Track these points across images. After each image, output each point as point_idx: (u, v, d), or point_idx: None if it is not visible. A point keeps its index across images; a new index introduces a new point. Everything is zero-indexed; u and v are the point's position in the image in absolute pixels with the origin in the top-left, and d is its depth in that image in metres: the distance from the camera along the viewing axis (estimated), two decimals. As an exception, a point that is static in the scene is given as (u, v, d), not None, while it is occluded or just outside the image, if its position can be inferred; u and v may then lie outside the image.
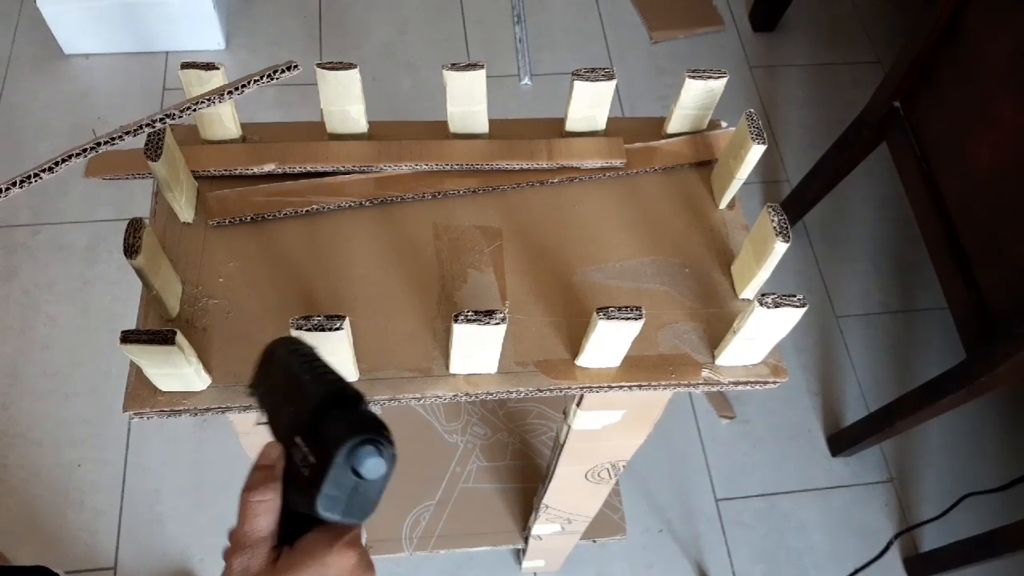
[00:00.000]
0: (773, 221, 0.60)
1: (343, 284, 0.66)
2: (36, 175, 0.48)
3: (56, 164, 0.48)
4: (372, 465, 0.45)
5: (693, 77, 0.70)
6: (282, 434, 0.49)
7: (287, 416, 0.49)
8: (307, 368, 0.49)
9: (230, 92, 0.53)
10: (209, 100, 0.53)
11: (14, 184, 0.48)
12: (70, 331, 1.53)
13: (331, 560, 0.46)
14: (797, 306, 0.57)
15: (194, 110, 0.53)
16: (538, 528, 1.14)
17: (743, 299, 0.68)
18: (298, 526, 0.48)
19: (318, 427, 0.46)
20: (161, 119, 0.51)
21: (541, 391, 0.64)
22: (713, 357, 0.66)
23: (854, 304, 1.69)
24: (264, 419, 0.52)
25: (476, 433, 1.30)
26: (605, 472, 0.92)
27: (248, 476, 0.48)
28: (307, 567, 0.46)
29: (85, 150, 0.49)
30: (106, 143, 0.50)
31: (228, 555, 0.47)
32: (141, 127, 0.51)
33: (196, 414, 0.61)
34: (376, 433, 0.45)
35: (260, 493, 0.47)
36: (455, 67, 0.66)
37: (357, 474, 0.45)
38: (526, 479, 1.27)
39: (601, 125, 0.74)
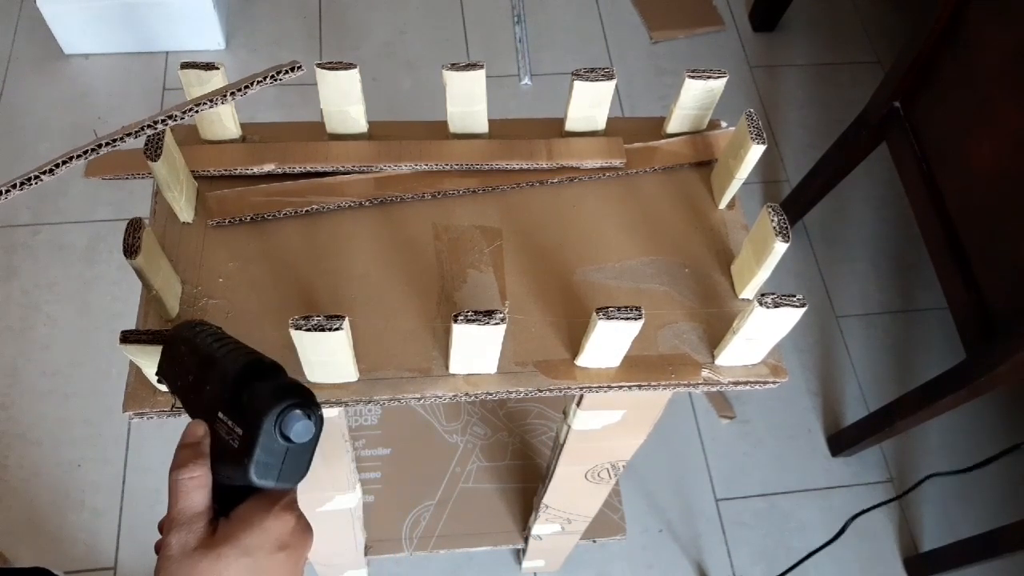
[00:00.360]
0: (773, 221, 0.60)
1: (343, 284, 0.66)
2: (36, 177, 0.48)
3: (56, 166, 0.48)
4: (301, 428, 0.46)
5: (693, 77, 0.70)
6: (202, 413, 0.50)
7: (206, 394, 0.49)
8: (219, 345, 0.50)
9: (233, 93, 0.53)
10: (211, 101, 0.53)
11: (14, 186, 0.47)
12: (70, 331, 1.53)
13: (269, 524, 0.47)
14: (797, 306, 0.57)
15: (196, 111, 0.53)
16: (538, 528, 1.14)
17: (743, 299, 0.68)
18: (233, 499, 0.48)
19: (241, 399, 0.47)
20: (163, 120, 0.51)
21: (541, 391, 0.64)
22: (713, 357, 0.66)
23: (854, 304, 1.69)
24: (178, 403, 0.53)
25: (476, 433, 1.30)
26: (605, 472, 0.92)
27: (174, 456, 0.48)
28: (247, 534, 0.47)
29: (86, 152, 0.49)
30: (107, 144, 0.50)
31: (164, 535, 0.47)
32: (143, 128, 0.51)
33: (196, 414, 0.61)
34: (301, 397, 0.46)
35: (189, 470, 0.47)
36: (455, 67, 0.66)
37: (287, 439, 0.46)
38: (526, 479, 1.27)
39: (601, 125, 0.74)
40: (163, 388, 0.59)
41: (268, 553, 0.47)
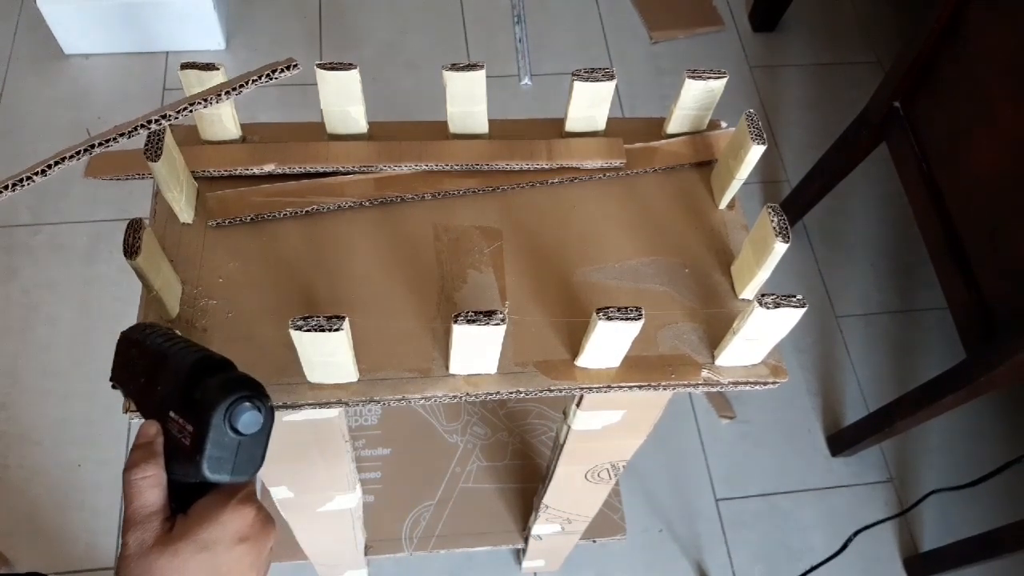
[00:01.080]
0: (773, 221, 0.60)
1: (343, 284, 0.66)
2: (29, 178, 0.48)
3: (49, 166, 0.48)
4: (249, 420, 0.46)
5: (693, 77, 0.70)
6: (154, 413, 0.50)
7: (157, 394, 0.49)
8: (168, 345, 0.50)
9: (228, 92, 0.53)
10: (206, 100, 0.53)
11: (6, 187, 0.47)
12: (70, 331, 1.53)
13: (226, 517, 0.47)
14: (797, 306, 0.57)
15: (190, 110, 0.53)
16: (538, 528, 1.14)
17: (743, 299, 0.68)
18: (192, 496, 0.49)
19: (191, 396, 0.47)
20: (157, 120, 0.51)
21: (541, 391, 0.64)
22: (713, 357, 0.66)
23: (854, 304, 1.69)
24: (132, 407, 0.53)
25: (476, 433, 1.30)
26: (605, 472, 0.92)
27: (127, 457, 0.48)
28: (203, 528, 0.47)
29: (78, 152, 0.49)
30: (100, 144, 0.50)
31: (122, 536, 0.47)
32: (136, 128, 0.51)
33: (196, 414, 0.61)
34: (250, 390, 0.47)
35: (141, 470, 0.48)
36: (455, 67, 0.66)
37: (236, 431, 0.46)
38: (526, 479, 1.27)
39: (601, 125, 0.74)
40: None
41: (227, 547, 0.47)
